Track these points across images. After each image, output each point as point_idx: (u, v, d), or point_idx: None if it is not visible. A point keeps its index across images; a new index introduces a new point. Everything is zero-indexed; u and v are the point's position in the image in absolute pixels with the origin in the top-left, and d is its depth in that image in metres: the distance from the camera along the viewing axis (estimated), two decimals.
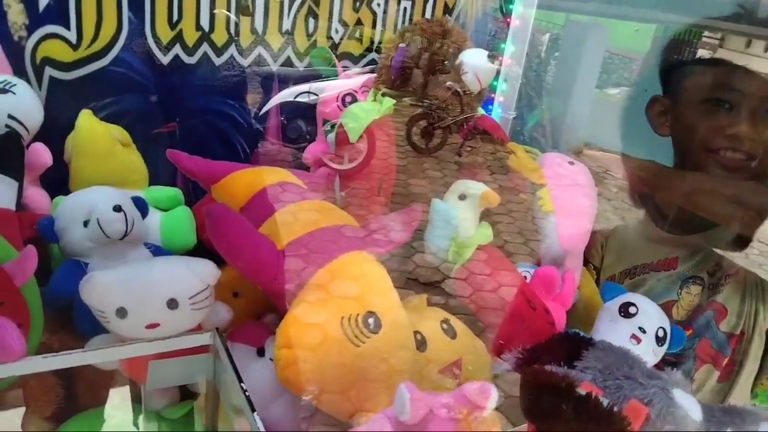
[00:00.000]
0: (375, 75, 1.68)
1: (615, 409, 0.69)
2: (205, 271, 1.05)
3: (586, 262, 1.32)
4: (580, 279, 1.23)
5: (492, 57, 1.62)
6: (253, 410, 0.89)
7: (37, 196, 1.29)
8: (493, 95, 2.01)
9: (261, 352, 1.09)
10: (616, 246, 1.36)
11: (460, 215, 1.40)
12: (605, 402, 0.69)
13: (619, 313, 1.06)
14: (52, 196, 1.31)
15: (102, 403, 1.18)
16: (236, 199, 1.26)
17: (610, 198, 1.65)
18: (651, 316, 1.06)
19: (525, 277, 1.19)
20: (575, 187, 1.28)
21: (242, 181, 1.29)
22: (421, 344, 1.05)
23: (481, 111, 1.81)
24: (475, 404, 0.76)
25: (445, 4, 1.81)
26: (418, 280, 1.38)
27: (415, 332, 1.04)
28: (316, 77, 1.62)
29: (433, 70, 1.74)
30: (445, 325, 1.11)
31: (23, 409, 1.13)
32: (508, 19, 1.88)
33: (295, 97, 1.58)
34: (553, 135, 2.27)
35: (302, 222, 1.13)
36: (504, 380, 1.00)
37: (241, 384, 0.94)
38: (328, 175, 1.55)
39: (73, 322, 1.12)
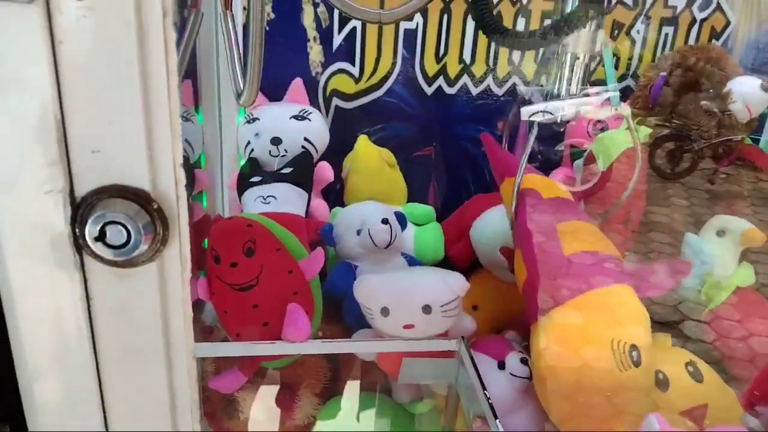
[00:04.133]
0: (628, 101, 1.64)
1: None
2: (457, 283, 1.15)
3: None
4: None
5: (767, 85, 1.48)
6: (496, 417, 0.96)
7: (319, 206, 1.52)
8: None
9: (501, 365, 1.16)
10: None
11: (716, 253, 1.32)
12: None
13: None
14: (330, 207, 1.55)
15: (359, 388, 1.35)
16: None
17: None
18: None
19: None
20: None
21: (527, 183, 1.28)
22: (663, 384, 1.02)
23: (747, 141, 1.66)
24: None
25: (712, 28, 1.70)
26: (653, 318, 1.32)
27: (657, 371, 1.02)
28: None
29: (685, 88, 1.63)
30: (690, 368, 1.06)
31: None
32: None
33: (529, 117, 1.58)
34: None
35: (580, 240, 1.13)
36: None
37: (485, 391, 1.01)
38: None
39: (342, 315, 1.31)
